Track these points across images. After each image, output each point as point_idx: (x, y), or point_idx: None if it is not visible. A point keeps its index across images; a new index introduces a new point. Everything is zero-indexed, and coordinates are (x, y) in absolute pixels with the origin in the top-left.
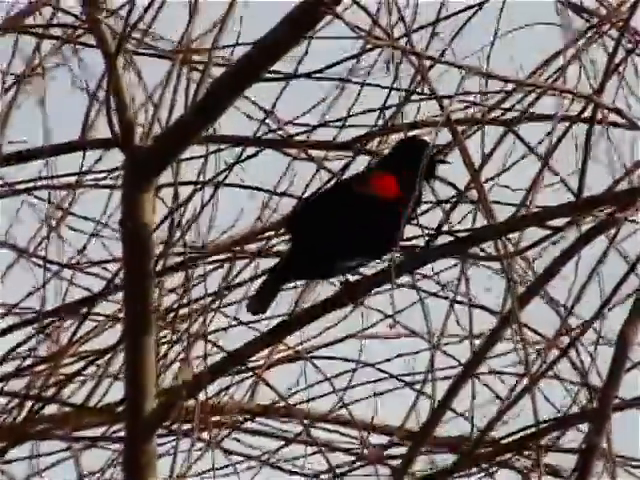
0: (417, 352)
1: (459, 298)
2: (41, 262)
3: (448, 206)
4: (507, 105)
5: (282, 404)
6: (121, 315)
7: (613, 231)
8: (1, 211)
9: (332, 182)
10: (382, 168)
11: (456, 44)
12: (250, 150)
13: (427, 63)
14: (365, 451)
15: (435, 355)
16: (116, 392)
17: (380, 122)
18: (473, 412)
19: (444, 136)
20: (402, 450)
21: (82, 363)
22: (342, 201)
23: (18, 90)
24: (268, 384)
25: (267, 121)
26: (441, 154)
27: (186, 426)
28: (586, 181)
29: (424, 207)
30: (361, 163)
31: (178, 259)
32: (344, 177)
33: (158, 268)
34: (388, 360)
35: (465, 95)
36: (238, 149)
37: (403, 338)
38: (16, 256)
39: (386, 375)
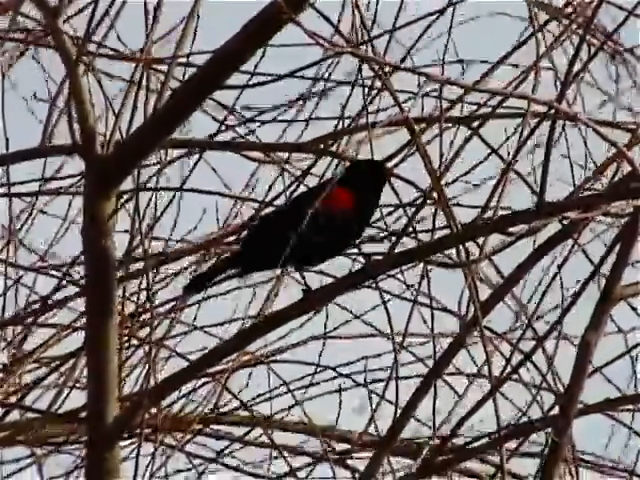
0: (379, 355)
1: (423, 300)
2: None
3: (412, 210)
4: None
5: (243, 411)
6: (83, 322)
7: (576, 235)
8: None
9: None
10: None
11: (420, 44)
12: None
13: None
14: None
15: (399, 356)
16: (78, 399)
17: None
18: (435, 417)
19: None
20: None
21: (44, 370)
22: (298, 215)
23: None
24: (230, 391)
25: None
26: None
27: (148, 431)
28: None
29: (388, 209)
30: (323, 165)
31: (139, 265)
32: (304, 191)
33: (120, 274)
34: (351, 363)
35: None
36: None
37: (368, 339)
38: None
39: (348, 379)
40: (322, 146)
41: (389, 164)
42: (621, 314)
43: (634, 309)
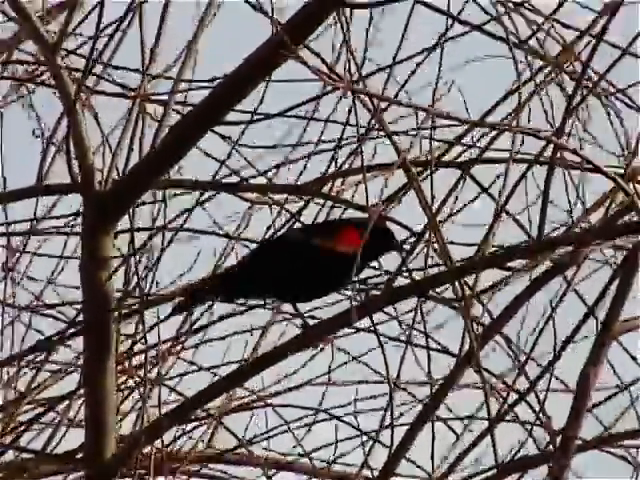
0: (376, 397)
1: (418, 341)
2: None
3: (406, 249)
4: (464, 143)
5: (241, 450)
6: (80, 361)
7: (571, 272)
8: None
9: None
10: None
11: (415, 82)
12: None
13: (384, 105)
14: None
15: (394, 398)
16: (74, 440)
17: (337, 163)
18: (433, 455)
19: (399, 178)
20: None
21: (39, 410)
22: (300, 249)
23: None
24: (227, 428)
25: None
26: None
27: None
28: (545, 223)
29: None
30: (316, 206)
31: (135, 304)
32: (308, 224)
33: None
34: (347, 405)
35: (420, 131)
36: (196, 193)
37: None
38: None
39: (343, 423)
40: (322, 188)
41: (382, 208)
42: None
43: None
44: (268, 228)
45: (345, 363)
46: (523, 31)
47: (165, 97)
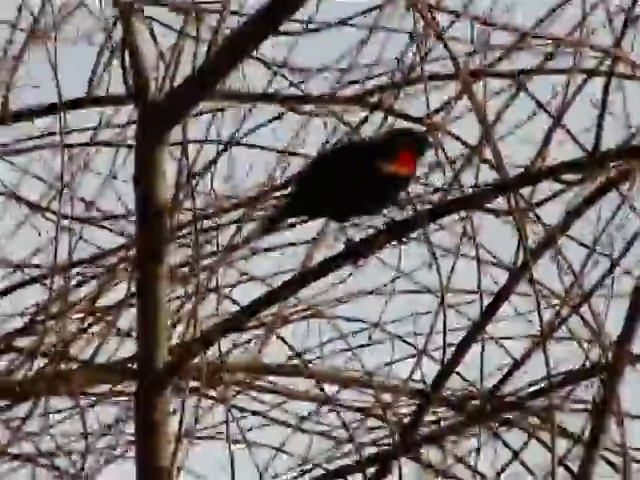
0: (426, 313)
1: (470, 253)
2: (53, 218)
3: (459, 163)
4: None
5: (293, 362)
6: (129, 270)
7: (626, 186)
8: (11, 167)
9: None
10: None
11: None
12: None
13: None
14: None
15: (446, 312)
16: (123, 350)
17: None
18: (483, 370)
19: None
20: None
21: (90, 320)
22: (360, 168)
23: (27, 42)
24: (281, 338)
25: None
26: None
27: (195, 384)
28: (602, 136)
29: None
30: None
31: (189, 215)
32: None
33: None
34: (397, 320)
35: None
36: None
37: (413, 295)
38: (27, 212)
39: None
40: (377, 99)
41: (437, 118)
42: None
43: None
44: (325, 142)
45: (398, 277)
46: None
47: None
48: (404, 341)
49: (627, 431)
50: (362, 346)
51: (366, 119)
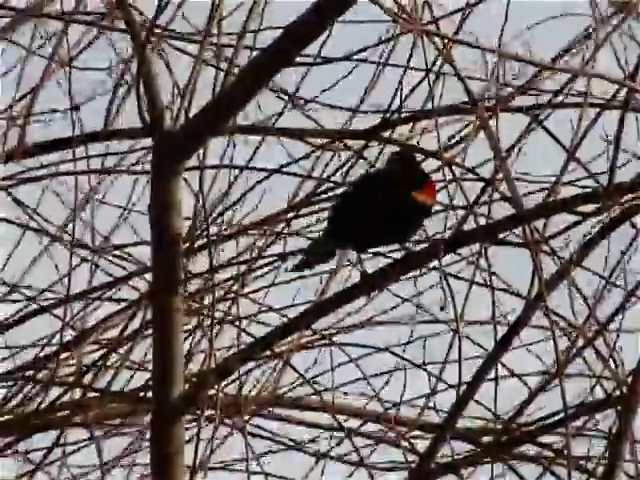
0: (437, 334)
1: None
2: (69, 247)
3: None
4: (534, 92)
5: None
6: (144, 300)
7: None
8: (27, 197)
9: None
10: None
11: (483, 29)
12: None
13: (453, 47)
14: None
15: (461, 342)
16: (137, 381)
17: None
18: (496, 401)
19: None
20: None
21: (104, 351)
22: (397, 202)
23: (45, 75)
24: (292, 367)
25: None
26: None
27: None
28: (616, 168)
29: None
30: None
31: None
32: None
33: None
34: (409, 343)
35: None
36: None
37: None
38: (45, 241)
39: (406, 362)
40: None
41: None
42: None
43: None
44: (345, 173)
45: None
46: None
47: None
48: (423, 369)
49: None
50: (376, 375)
51: (381, 153)
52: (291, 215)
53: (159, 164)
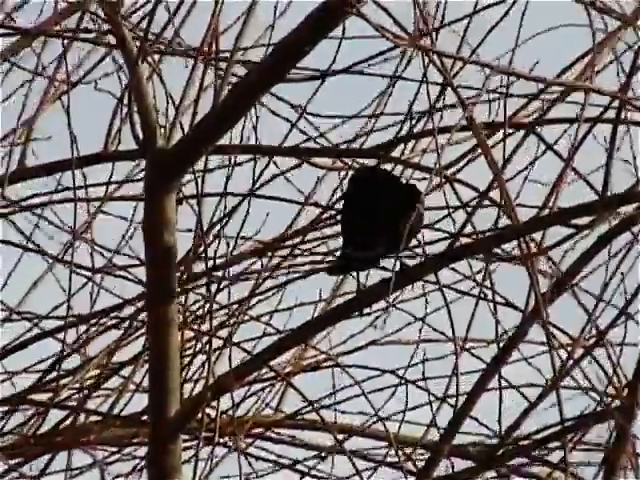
0: (442, 357)
1: (483, 296)
2: (69, 269)
3: (471, 207)
4: (530, 106)
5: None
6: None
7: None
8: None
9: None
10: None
11: (476, 44)
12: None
13: (450, 62)
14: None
15: (460, 357)
16: (138, 404)
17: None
18: (501, 416)
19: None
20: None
21: (106, 374)
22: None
23: (45, 96)
24: (294, 387)
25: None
26: None
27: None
28: (610, 180)
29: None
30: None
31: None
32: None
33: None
34: (413, 365)
35: (488, 94)
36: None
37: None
38: (46, 264)
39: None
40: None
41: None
42: None
43: None
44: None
45: (409, 324)
46: None
47: (227, 55)
48: (419, 387)
49: None
50: (375, 391)
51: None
52: (295, 241)
53: (152, 182)
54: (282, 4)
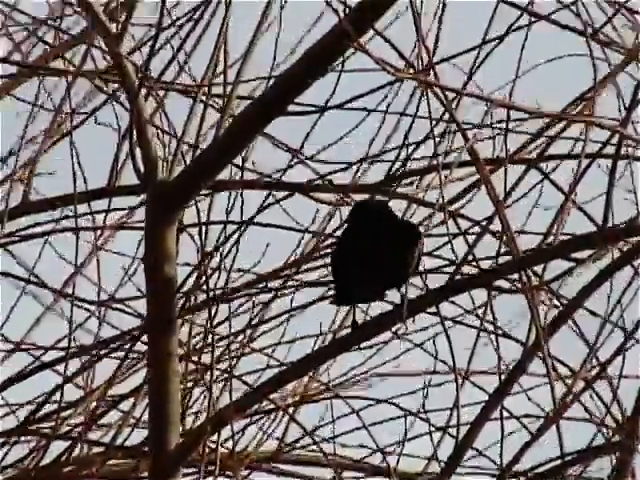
0: (441, 384)
1: (483, 328)
2: (71, 302)
3: (472, 239)
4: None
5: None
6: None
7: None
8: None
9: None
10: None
11: (480, 78)
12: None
13: (452, 95)
14: None
15: (461, 389)
16: (139, 437)
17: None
18: (502, 448)
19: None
20: None
21: (106, 406)
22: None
23: (49, 131)
24: (294, 419)
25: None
26: None
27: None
28: (610, 214)
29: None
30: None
31: (203, 298)
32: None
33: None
34: (413, 392)
35: (489, 128)
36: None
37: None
38: (46, 298)
39: (409, 414)
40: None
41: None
42: None
43: None
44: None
45: (408, 350)
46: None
47: (228, 89)
48: (420, 418)
49: None
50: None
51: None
52: (292, 271)
53: (153, 214)
54: (285, 41)
